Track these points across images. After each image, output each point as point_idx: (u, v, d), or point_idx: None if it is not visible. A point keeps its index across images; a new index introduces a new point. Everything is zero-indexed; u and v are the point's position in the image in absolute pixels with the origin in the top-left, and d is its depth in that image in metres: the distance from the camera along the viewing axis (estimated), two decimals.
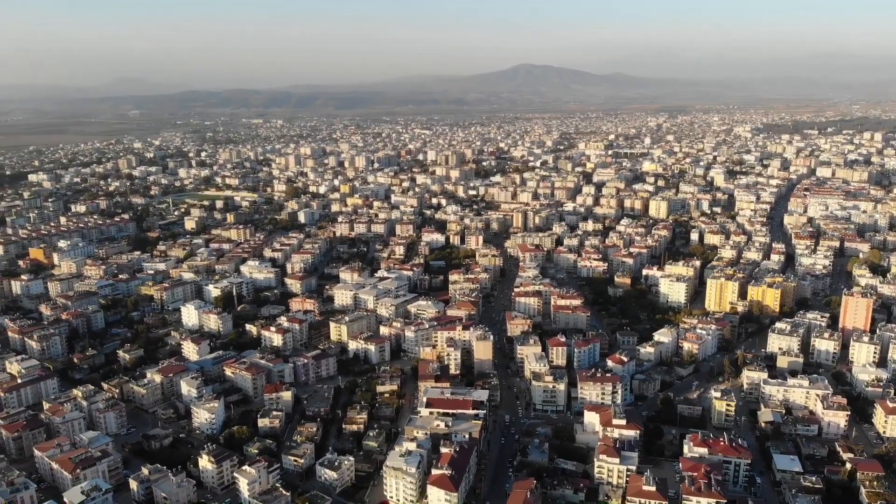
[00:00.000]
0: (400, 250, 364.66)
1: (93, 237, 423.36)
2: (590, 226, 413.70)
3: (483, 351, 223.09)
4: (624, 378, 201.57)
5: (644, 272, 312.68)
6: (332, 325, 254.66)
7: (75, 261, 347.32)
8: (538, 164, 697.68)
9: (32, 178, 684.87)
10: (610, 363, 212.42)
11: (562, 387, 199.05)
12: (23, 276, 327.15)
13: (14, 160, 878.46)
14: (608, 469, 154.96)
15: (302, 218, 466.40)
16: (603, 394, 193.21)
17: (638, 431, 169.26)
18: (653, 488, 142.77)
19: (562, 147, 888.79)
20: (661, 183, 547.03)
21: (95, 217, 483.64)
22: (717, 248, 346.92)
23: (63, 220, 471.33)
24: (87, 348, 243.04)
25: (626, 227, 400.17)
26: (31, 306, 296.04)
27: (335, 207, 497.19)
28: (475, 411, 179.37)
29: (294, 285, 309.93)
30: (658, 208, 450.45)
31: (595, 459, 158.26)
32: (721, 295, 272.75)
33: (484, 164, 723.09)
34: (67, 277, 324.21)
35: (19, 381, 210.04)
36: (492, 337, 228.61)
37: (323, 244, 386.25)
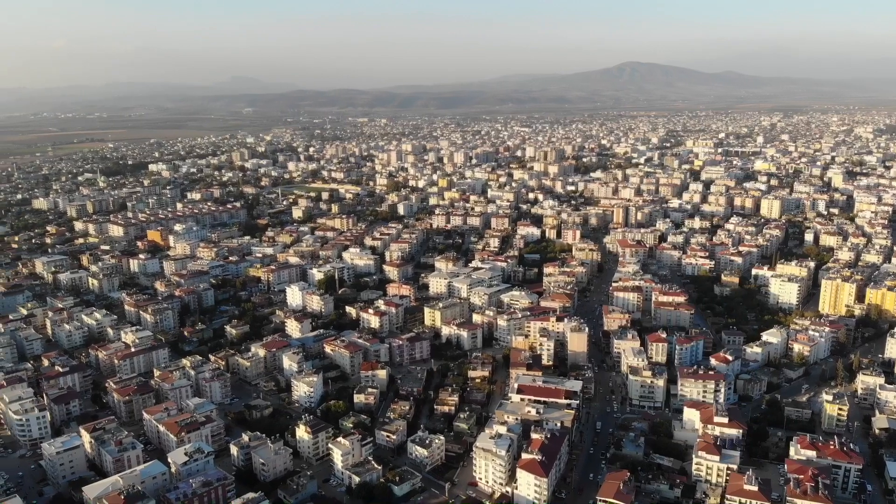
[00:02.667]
0: (495, 242, 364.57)
1: (206, 222, 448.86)
2: (696, 223, 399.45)
3: (577, 343, 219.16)
4: (728, 377, 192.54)
5: (753, 271, 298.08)
6: (426, 310, 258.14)
7: (189, 243, 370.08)
8: (642, 160, 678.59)
9: (152, 167, 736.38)
10: (713, 361, 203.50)
11: (661, 382, 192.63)
12: (140, 256, 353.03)
13: (136, 151, 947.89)
14: (707, 466, 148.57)
15: (401, 210, 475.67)
16: (705, 391, 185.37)
17: (741, 430, 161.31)
18: (754, 488, 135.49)
19: (668, 144, 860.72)
20: (773, 182, 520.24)
21: (209, 204, 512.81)
22: (833, 250, 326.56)
23: (179, 206, 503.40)
24: (197, 323, 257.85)
25: (736, 225, 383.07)
26: (147, 283, 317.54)
27: (433, 201, 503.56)
28: (568, 401, 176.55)
29: (392, 272, 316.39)
30: (770, 207, 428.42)
31: (693, 456, 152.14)
32: (836, 297, 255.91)
33: (584, 159, 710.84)
34: (181, 258, 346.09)
35: (133, 349, 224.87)
36: (587, 330, 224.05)
37: (420, 235, 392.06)
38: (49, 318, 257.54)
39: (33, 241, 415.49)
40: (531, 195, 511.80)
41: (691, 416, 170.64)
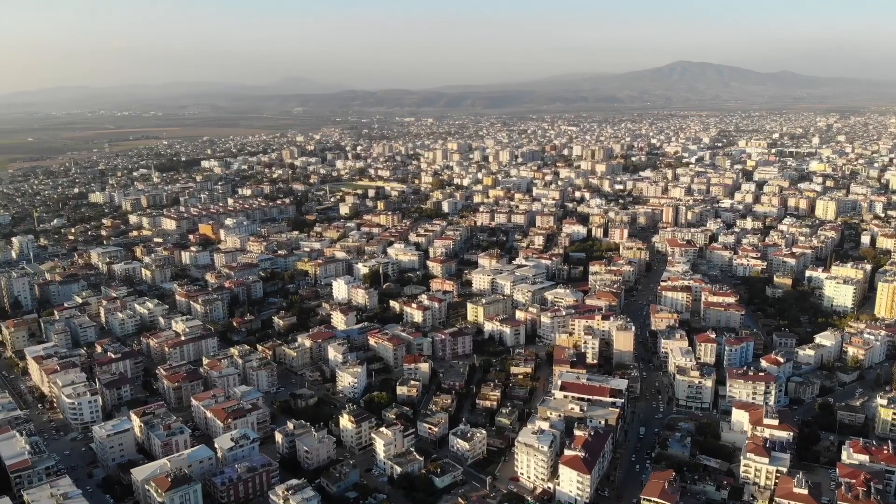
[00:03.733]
0: (539, 240, 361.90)
1: (256, 217, 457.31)
2: (748, 223, 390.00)
3: (623, 342, 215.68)
4: (779, 379, 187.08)
5: (807, 273, 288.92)
6: (469, 306, 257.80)
7: (239, 237, 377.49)
8: (693, 160, 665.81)
9: (205, 164, 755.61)
10: (764, 363, 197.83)
11: (709, 383, 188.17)
12: (192, 248, 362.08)
13: (189, 148, 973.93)
14: (756, 468, 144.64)
15: (445, 207, 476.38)
16: (754, 393, 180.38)
17: (791, 433, 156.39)
18: (804, 491, 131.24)
19: (720, 144, 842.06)
20: (829, 183, 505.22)
21: (259, 200, 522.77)
22: (891, 253, 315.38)
23: (230, 201, 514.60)
24: (245, 313, 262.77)
25: (790, 226, 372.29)
26: (197, 275, 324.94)
27: (477, 199, 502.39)
28: (612, 399, 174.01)
29: (435, 268, 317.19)
30: (825, 209, 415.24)
31: (742, 457, 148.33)
32: (893, 300, 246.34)
33: (633, 158, 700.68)
34: (231, 251, 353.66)
35: (183, 338, 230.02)
36: (633, 328, 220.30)
37: (464, 232, 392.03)
38: (103, 307, 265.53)
39: (89, 233, 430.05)
40: (577, 194, 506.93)
41: (740, 417, 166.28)
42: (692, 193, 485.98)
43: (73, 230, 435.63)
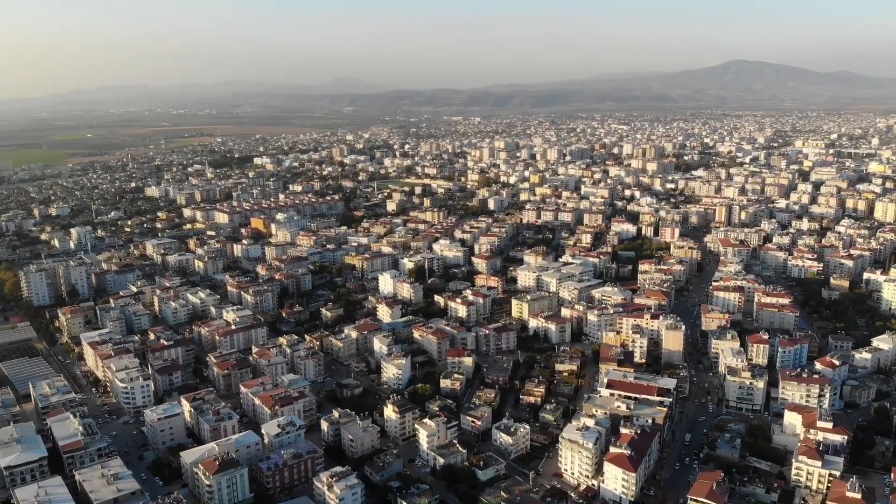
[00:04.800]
0: (587, 238, 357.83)
1: (306, 213, 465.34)
2: (804, 224, 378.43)
3: (672, 341, 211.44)
4: (834, 382, 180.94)
5: (865, 276, 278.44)
6: (513, 302, 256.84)
7: (290, 231, 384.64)
8: (747, 160, 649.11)
9: (257, 161, 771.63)
10: (819, 366, 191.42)
11: (760, 384, 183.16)
12: (244, 242, 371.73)
13: (242, 146, 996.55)
14: (808, 472, 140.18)
15: (491, 205, 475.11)
16: (808, 396, 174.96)
17: (845, 437, 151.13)
18: (858, 496, 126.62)
19: (775, 145, 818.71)
20: (889, 185, 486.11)
21: (309, 196, 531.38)
22: None
23: (281, 197, 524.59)
24: (294, 305, 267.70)
25: (847, 227, 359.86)
26: (248, 267, 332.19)
27: (523, 196, 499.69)
28: (660, 398, 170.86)
29: (480, 264, 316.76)
30: (885, 210, 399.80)
31: (794, 460, 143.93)
32: None
33: (685, 157, 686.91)
34: (282, 244, 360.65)
35: (233, 327, 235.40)
36: (683, 328, 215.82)
37: (510, 229, 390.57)
38: (157, 296, 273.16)
39: (145, 225, 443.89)
40: (627, 192, 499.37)
41: (792, 419, 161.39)
42: (746, 193, 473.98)
43: (129, 222, 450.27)
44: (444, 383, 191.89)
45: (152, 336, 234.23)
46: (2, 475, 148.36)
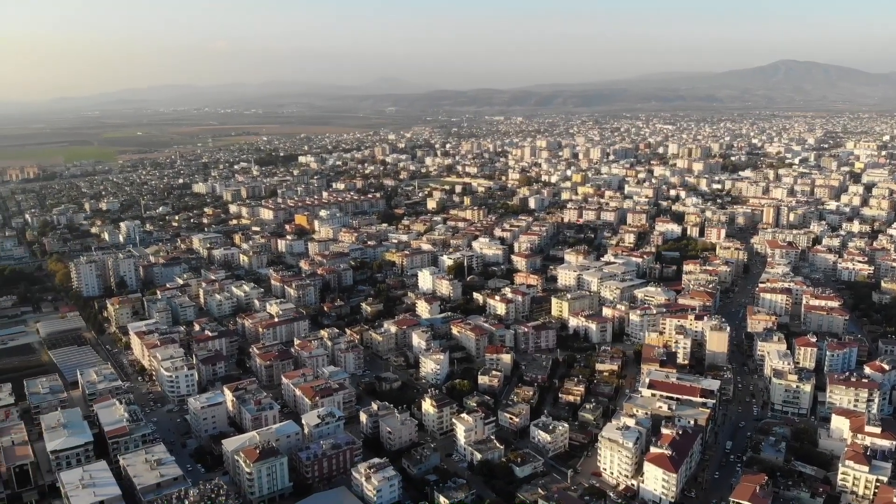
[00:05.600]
0: (630, 238, 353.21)
1: (348, 210, 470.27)
2: (855, 227, 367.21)
3: (717, 342, 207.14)
4: (883, 386, 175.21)
5: None
6: (553, 300, 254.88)
7: (332, 228, 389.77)
8: (796, 161, 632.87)
9: (302, 159, 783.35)
10: (868, 370, 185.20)
11: (807, 388, 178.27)
12: (288, 237, 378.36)
13: (287, 145, 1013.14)
14: (854, 477, 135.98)
15: (532, 204, 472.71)
16: (856, 400, 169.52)
17: (894, 442, 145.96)
18: None
19: (826, 146, 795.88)
20: None
21: (352, 194, 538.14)
22: None
23: (325, 194, 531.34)
24: (336, 299, 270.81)
25: None
26: (292, 262, 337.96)
27: (565, 195, 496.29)
28: (703, 399, 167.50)
29: (519, 262, 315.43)
30: None
31: (840, 465, 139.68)
32: None
33: (732, 158, 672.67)
34: (325, 240, 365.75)
35: (276, 320, 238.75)
36: (728, 329, 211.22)
37: (550, 228, 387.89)
38: (202, 289, 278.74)
39: (192, 220, 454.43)
40: (672, 192, 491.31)
41: (840, 424, 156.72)
42: (795, 194, 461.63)
43: (176, 217, 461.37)
44: (482, 380, 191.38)
45: (197, 327, 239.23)
46: (48, 459, 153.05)
